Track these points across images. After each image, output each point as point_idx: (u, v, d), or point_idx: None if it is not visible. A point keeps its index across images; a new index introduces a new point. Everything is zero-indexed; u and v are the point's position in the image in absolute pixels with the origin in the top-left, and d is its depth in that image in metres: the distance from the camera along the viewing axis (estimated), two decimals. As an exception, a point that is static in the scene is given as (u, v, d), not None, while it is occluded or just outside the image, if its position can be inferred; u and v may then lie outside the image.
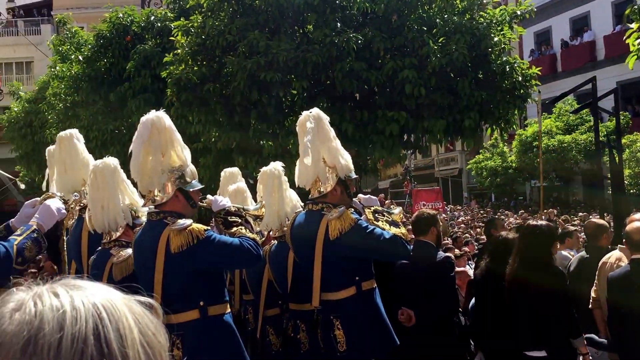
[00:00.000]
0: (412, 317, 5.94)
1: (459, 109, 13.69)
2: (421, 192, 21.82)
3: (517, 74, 14.11)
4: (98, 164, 5.10)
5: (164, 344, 1.03)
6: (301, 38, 14.23)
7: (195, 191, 4.45)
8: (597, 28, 35.44)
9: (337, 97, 14.11)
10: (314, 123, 5.08)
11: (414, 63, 13.25)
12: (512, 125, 15.06)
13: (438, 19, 14.04)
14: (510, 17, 14.58)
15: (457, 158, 44.90)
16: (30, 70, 42.38)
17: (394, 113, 13.48)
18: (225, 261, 4.40)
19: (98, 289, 1.02)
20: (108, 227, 5.04)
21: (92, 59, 19.94)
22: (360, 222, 4.85)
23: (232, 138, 14.93)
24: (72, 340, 0.92)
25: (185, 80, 14.14)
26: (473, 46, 13.55)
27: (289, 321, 5.80)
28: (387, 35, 13.73)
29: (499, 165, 34.67)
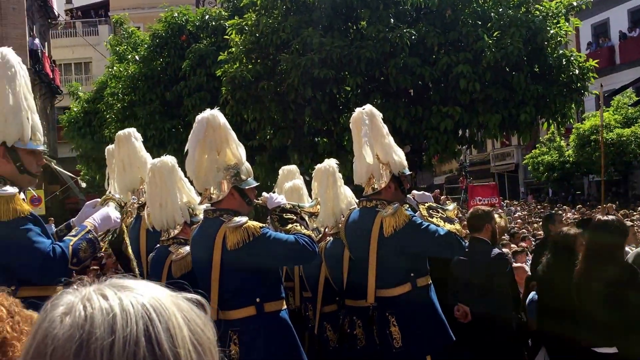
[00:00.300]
0: (468, 313, 5.93)
1: (515, 103, 13.53)
2: (477, 188, 21.59)
3: (573, 67, 13.88)
4: (156, 162, 5.17)
5: (213, 339, 1.04)
6: (354, 34, 14.24)
7: (251, 189, 4.48)
8: (657, 19, 34.58)
9: (391, 93, 14.08)
10: (367, 120, 5.09)
11: (469, 58, 13.15)
12: (569, 119, 14.81)
13: (493, 12, 13.89)
14: (566, 9, 14.34)
15: (513, 153, 44.28)
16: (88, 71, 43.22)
17: (449, 108, 13.40)
18: (280, 258, 4.43)
19: (145, 288, 1.03)
20: (166, 224, 5.11)
21: (148, 58, 20.29)
22: (414, 219, 4.85)
23: (286, 135, 15.03)
24: (124, 344, 0.93)
25: (239, 78, 14.27)
26: (528, 40, 13.38)
27: (345, 317, 5.82)
28: (441, 30, 13.64)
29: (556, 160, 34.08)
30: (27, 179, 3.90)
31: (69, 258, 3.70)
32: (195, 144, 4.37)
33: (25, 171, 3.85)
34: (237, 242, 4.10)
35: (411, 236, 4.79)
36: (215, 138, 4.33)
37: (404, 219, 4.78)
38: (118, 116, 20.58)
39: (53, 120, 37.01)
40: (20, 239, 3.61)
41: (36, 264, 3.64)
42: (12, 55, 3.86)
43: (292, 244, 4.23)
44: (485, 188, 21.30)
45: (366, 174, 5.10)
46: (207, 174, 4.36)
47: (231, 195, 4.37)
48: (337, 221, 5.89)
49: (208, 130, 4.32)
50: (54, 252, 3.65)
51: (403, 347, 4.85)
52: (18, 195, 3.67)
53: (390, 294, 4.94)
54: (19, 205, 3.63)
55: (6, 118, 3.73)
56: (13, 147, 3.78)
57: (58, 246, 3.69)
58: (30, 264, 3.65)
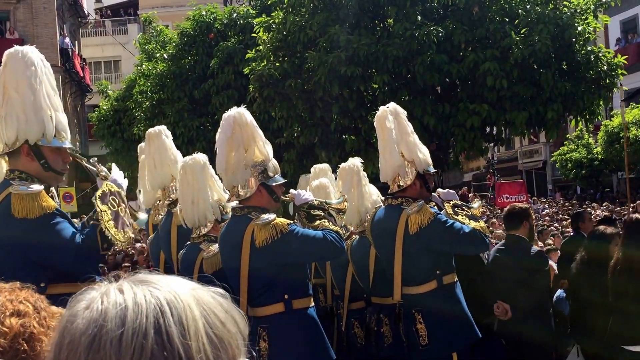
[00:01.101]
0: (508, 310, 5.93)
1: (542, 100, 13.50)
2: (504, 185, 21.51)
3: (602, 64, 13.80)
4: (188, 160, 5.20)
5: (235, 332, 1.05)
6: (381, 32, 14.28)
7: (278, 185, 4.51)
8: (686, 14, 34.05)
9: (418, 91, 14.09)
10: (392, 118, 5.13)
11: (496, 55, 13.13)
12: (597, 116, 14.72)
13: (520, 9, 13.85)
14: (594, 5, 14.24)
15: (541, 150, 43.90)
16: (118, 69, 43.52)
17: (476, 105, 13.39)
18: (309, 254, 4.47)
19: (166, 282, 1.05)
20: (198, 222, 5.13)
21: (176, 56, 20.47)
22: (439, 217, 4.88)
23: (314, 133, 15.09)
24: (132, 335, 0.96)
25: (267, 76, 14.37)
26: (556, 36, 13.32)
27: (372, 315, 5.85)
28: (468, 28, 13.64)
29: (584, 157, 33.76)
30: (53, 176, 3.94)
31: (99, 244, 3.80)
32: (223, 142, 4.41)
33: (50, 169, 3.90)
34: (265, 239, 4.14)
35: (436, 233, 4.82)
36: (243, 135, 4.38)
37: (429, 217, 4.81)
38: (147, 114, 20.79)
39: (83, 118, 37.32)
40: (51, 235, 3.69)
41: (69, 256, 3.73)
42: (34, 53, 3.89)
43: (320, 240, 4.27)
44: (513, 185, 21.21)
45: (392, 172, 5.13)
46: (235, 171, 4.40)
47: (259, 193, 4.40)
48: (362, 220, 5.92)
49: (235, 128, 4.36)
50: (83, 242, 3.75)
51: (429, 344, 4.88)
52: (44, 192, 3.74)
53: (416, 291, 4.97)
54: (45, 202, 3.70)
55: (27, 116, 3.79)
56: (37, 145, 3.82)
57: (85, 235, 3.79)
58: (64, 257, 3.75)
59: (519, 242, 6.22)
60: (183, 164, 5.20)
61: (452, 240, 4.86)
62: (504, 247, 6.32)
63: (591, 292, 6.10)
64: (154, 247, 6.54)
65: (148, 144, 6.13)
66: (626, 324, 5.68)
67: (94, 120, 28.50)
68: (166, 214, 5.91)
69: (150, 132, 6.18)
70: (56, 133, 3.94)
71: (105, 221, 3.83)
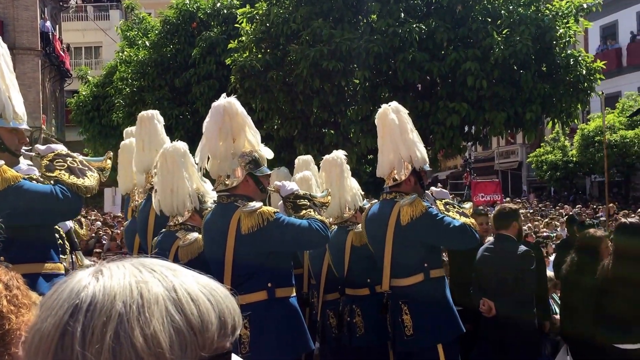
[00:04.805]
0: (493, 308, 6.08)
1: (521, 101, 13.63)
2: (480, 184, 21.73)
3: (581, 68, 13.97)
4: (168, 147, 5.20)
5: (159, 337, 0.98)
6: (364, 27, 14.32)
7: (265, 176, 4.59)
8: (665, 22, 34.55)
9: (398, 88, 14.17)
10: (393, 115, 5.22)
11: (477, 55, 13.23)
12: (575, 119, 14.90)
13: (503, 10, 13.97)
14: (576, 9, 14.39)
15: (518, 151, 44.31)
16: (98, 55, 43.24)
17: (455, 104, 13.49)
18: (294, 242, 4.52)
19: (127, 271, 1.04)
20: (176, 210, 5.16)
21: (158, 44, 20.38)
22: (431, 210, 4.98)
23: (293, 126, 15.13)
24: (95, 323, 0.96)
25: (249, 67, 14.37)
26: (537, 38, 13.46)
27: (345, 306, 5.94)
28: (451, 26, 13.73)
29: (560, 159, 34.17)
30: (7, 156, 3.96)
31: (76, 191, 4.01)
32: (211, 131, 4.45)
33: (6, 149, 3.96)
34: (251, 227, 4.19)
35: (427, 226, 4.92)
36: (232, 125, 4.41)
37: (421, 209, 4.92)
38: (126, 101, 20.72)
39: (62, 103, 37.07)
40: (27, 197, 3.82)
41: (56, 200, 3.92)
42: None
43: (305, 228, 4.34)
44: (488, 185, 21.44)
45: (388, 167, 5.23)
46: (223, 160, 4.44)
47: (246, 182, 4.45)
48: (342, 211, 6.02)
49: (225, 117, 4.39)
50: (61, 191, 3.95)
51: (414, 335, 4.98)
52: (5, 166, 3.79)
53: (404, 283, 5.08)
54: (7, 173, 3.77)
55: None
56: None
57: (59, 186, 3.92)
58: (54, 203, 3.93)
59: (507, 242, 6.36)
60: (163, 151, 5.20)
61: (442, 233, 4.96)
62: (492, 246, 6.45)
63: (581, 293, 6.27)
64: (129, 233, 6.57)
65: (139, 127, 6.14)
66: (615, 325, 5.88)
67: (73, 106, 28.32)
68: (146, 198, 5.92)
69: (142, 115, 6.20)
70: (13, 114, 3.97)
71: (67, 181, 3.97)
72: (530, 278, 6.20)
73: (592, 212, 23.84)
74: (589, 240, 6.52)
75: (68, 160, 4.19)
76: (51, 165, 4.10)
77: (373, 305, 5.63)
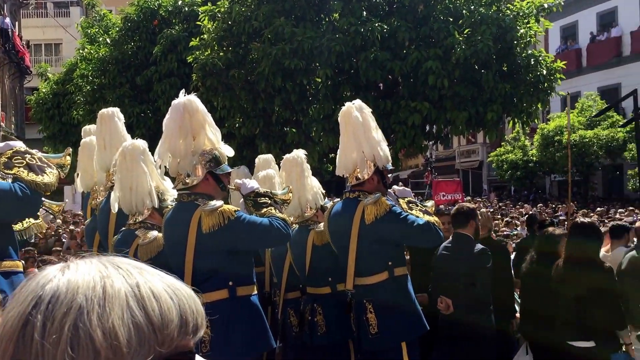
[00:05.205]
0: (450, 305, 6.13)
1: (482, 101, 13.73)
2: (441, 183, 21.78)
3: (541, 68, 14.10)
4: (128, 145, 5.15)
5: (116, 331, 0.99)
6: (326, 26, 14.32)
7: (225, 174, 4.58)
8: (624, 23, 35.11)
9: (360, 87, 14.19)
10: (357, 113, 5.21)
11: (439, 54, 13.30)
12: (535, 118, 15.06)
13: (464, 9, 14.05)
14: (537, 9, 14.53)
15: (478, 150, 44.80)
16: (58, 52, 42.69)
17: (417, 103, 13.55)
18: (255, 240, 4.51)
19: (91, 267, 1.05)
20: (135, 208, 5.11)
21: (119, 42, 20.16)
22: (394, 208, 5.00)
23: (255, 124, 15.08)
24: (52, 319, 0.98)
25: (210, 65, 14.28)
26: (498, 38, 13.56)
27: (307, 304, 5.95)
28: (413, 25, 13.77)
29: (520, 159, 34.63)
30: None
31: (35, 188, 4.00)
32: (171, 129, 4.41)
33: None
34: (212, 225, 4.17)
35: (391, 225, 4.93)
36: (192, 123, 4.38)
37: (385, 208, 4.93)
38: (87, 99, 20.48)
39: (21, 100, 36.56)
40: None
41: (15, 199, 3.92)
42: None
43: (266, 226, 4.33)
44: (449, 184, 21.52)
45: (352, 165, 5.23)
46: (183, 159, 4.41)
47: (206, 180, 4.43)
48: (303, 211, 6.02)
49: (185, 115, 4.36)
50: (20, 189, 3.94)
51: (379, 333, 5.00)
52: None
53: (368, 282, 5.09)
54: None
55: None
56: None
57: (18, 184, 3.90)
58: (10, 202, 3.94)
59: (464, 240, 6.42)
60: (122, 149, 5.14)
61: (407, 232, 4.97)
62: (450, 245, 6.51)
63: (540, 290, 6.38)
64: (90, 231, 6.50)
65: (100, 125, 6.09)
66: (570, 324, 6.00)
67: (32, 103, 27.99)
68: (107, 197, 5.85)
69: (102, 113, 6.15)
70: None
71: (26, 178, 3.94)
72: (486, 276, 6.27)
73: (551, 212, 24.15)
74: (547, 240, 6.64)
75: (27, 157, 4.16)
76: (10, 163, 4.08)
77: (334, 304, 5.64)
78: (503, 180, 38.12)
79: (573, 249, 6.08)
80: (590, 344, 5.92)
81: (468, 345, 6.25)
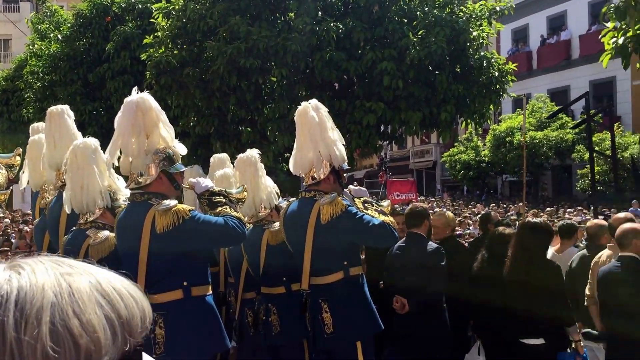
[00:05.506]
0: (406, 304, 6.18)
1: (436, 102, 13.86)
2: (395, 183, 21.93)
3: (493, 69, 14.33)
4: (79, 143, 5.04)
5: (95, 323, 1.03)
6: (282, 25, 14.29)
7: (179, 173, 4.51)
8: (573, 27, 35.90)
9: (316, 86, 14.22)
10: (313, 113, 5.20)
11: (393, 55, 13.39)
12: (487, 119, 15.27)
13: (419, 11, 14.16)
14: (489, 12, 14.75)
15: (432, 150, 45.25)
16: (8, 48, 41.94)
17: (372, 104, 13.62)
18: (210, 240, 4.45)
19: (48, 266, 1.07)
20: (86, 207, 5.02)
21: (71, 38, 19.86)
22: (350, 208, 4.99)
23: (210, 123, 15.00)
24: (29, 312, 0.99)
25: (164, 63, 14.16)
26: (452, 40, 13.71)
27: (261, 304, 5.92)
28: (368, 26, 13.84)
29: (472, 159, 35.07)
30: None
31: None
32: (124, 127, 4.34)
33: None
34: (166, 225, 4.11)
35: (347, 224, 4.91)
36: (145, 121, 4.31)
37: (341, 208, 4.91)
38: (37, 96, 20.15)
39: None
40: None
41: None
42: None
43: (221, 226, 4.27)
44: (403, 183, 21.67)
45: (308, 165, 5.21)
46: (136, 157, 4.34)
47: (159, 180, 4.36)
48: (258, 210, 6.00)
49: (137, 113, 4.28)
50: None
51: (334, 333, 4.99)
52: None
53: (324, 281, 5.07)
54: None
55: None
56: None
57: None
58: None
59: (418, 239, 6.48)
60: (73, 147, 5.04)
61: (362, 232, 4.96)
62: (403, 244, 6.55)
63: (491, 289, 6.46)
64: (39, 230, 6.39)
65: (49, 122, 5.97)
66: (521, 321, 6.10)
67: (-19, 100, 27.38)
68: (57, 196, 5.76)
69: (52, 111, 6.02)
70: None
71: None
72: (441, 275, 6.33)
73: (503, 211, 24.47)
74: (498, 238, 6.74)
75: None
76: None
77: (289, 303, 5.62)
78: (456, 180, 38.54)
79: (522, 248, 6.19)
80: (540, 341, 6.04)
81: (422, 344, 6.31)
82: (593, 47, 29.36)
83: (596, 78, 32.78)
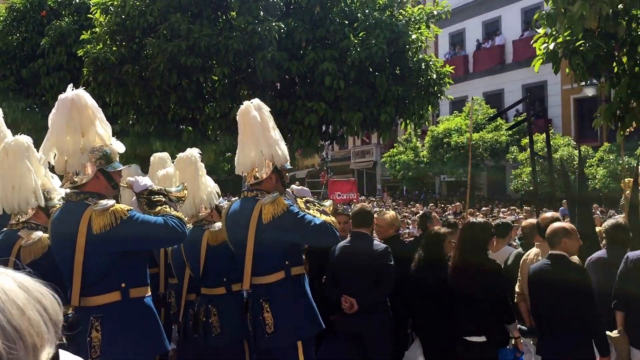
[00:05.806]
0: (354, 304, 6.21)
1: (376, 102, 13.97)
2: (337, 183, 22.07)
3: (432, 72, 14.56)
4: (10, 141, 4.92)
5: (38, 320, 1.10)
6: (223, 24, 14.19)
7: (117, 172, 4.41)
8: (507, 33, 36.83)
9: (257, 86, 14.15)
10: (256, 113, 5.16)
11: (335, 56, 13.44)
12: (425, 120, 15.49)
13: (359, 13, 14.25)
14: (427, 16, 14.98)
15: (373, 151, 45.63)
16: (-64, 41, 40.67)
17: (313, 104, 13.65)
18: (150, 240, 4.38)
19: None
20: (18, 208, 4.88)
21: (3, 32, 19.25)
22: (292, 208, 4.97)
23: (150, 122, 14.81)
24: None
25: (102, 60, 13.89)
26: (392, 42, 13.84)
27: (201, 305, 5.87)
28: (310, 27, 13.87)
29: (412, 160, 35.48)
30: None
31: None
32: (59, 125, 4.22)
33: None
34: (103, 226, 4.01)
35: (288, 224, 4.89)
36: (81, 119, 4.19)
37: (283, 207, 4.89)
38: (-32, 91, 19.53)
39: None
40: None
41: None
42: None
43: (161, 225, 4.19)
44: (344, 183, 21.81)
45: (250, 165, 5.17)
46: (71, 156, 4.23)
47: (96, 179, 4.26)
48: (198, 210, 5.94)
49: (72, 111, 4.17)
50: None
51: (275, 332, 4.96)
52: None
53: (265, 281, 5.04)
54: None
55: None
56: None
57: None
58: None
59: (365, 239, 6.55)
60: (4, 145, 4.92)
61: (303, 232, 4.94)
62: (349, 244, 6.60)
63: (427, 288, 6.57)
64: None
65: None
66: (462, 318, 6.24)
67: None
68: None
69: None
70: None
71: None
72: (390, 274, 6.40)
73: (441, 211, 24.80)
74: (433, 237, 6.89)
75: None
76: None
77: (230, 304, 5.60)
78: (396, 180, 38.95)
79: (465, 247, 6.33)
80: (482, 339, 6.18)
81: (363, 342, 6.36)
82: (526, 52, 30.26)
83: (529, 82, 33.73)
